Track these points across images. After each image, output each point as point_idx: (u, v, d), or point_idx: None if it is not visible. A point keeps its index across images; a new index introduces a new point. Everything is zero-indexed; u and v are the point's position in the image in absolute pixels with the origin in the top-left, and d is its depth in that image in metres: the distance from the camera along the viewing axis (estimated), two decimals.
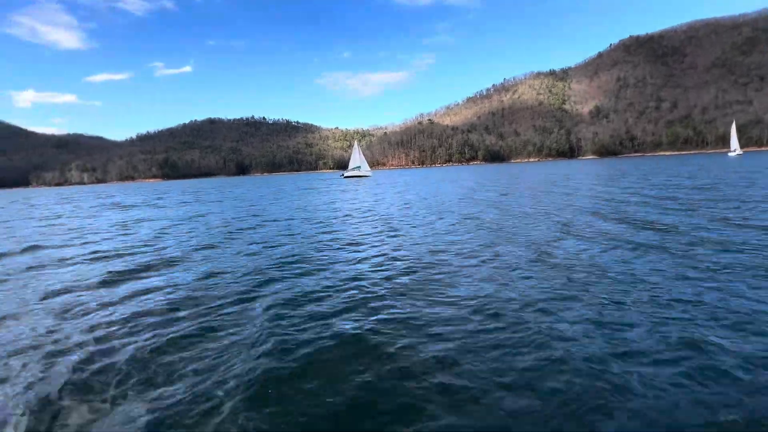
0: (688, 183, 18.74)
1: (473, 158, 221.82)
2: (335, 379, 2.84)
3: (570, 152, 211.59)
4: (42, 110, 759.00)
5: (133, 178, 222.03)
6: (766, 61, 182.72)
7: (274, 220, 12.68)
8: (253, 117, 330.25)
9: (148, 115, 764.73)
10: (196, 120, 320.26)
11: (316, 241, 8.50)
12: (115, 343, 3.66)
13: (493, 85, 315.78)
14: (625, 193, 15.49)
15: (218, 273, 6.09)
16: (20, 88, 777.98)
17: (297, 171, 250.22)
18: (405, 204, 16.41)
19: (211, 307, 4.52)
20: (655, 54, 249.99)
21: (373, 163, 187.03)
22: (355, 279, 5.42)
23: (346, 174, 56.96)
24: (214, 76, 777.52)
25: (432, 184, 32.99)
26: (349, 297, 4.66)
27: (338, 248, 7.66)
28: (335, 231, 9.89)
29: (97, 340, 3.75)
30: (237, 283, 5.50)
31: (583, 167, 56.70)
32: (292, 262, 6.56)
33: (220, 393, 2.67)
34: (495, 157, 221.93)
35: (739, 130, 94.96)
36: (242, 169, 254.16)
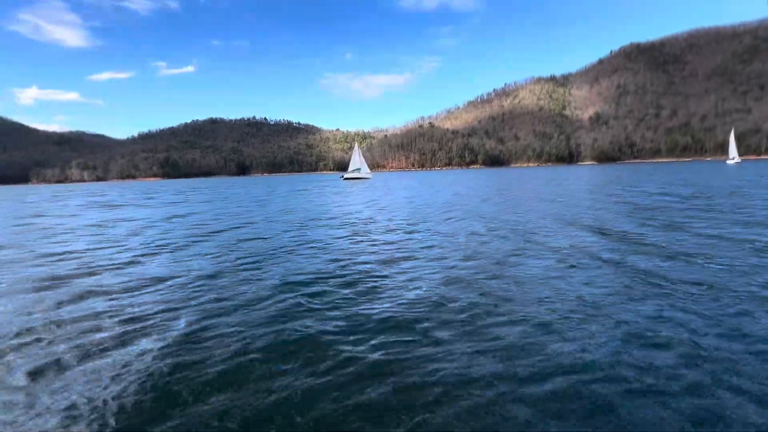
0: (683, 191, 18.44)
1: (473, 162, 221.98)
2: (261, 384, 2.76)
3: (569, 158, 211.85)
4: (45, 108, 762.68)
5: (133, 177, 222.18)
6: (766, 70, 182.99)
7: (251, 223, 12.39)
8: (254, 117, 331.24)
9: (151, 115, 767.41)
10: (197, 120, 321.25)
11: (278, 245, 8.20)
12: (26, 351, 3.39)
13: (494, 89, 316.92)
14: (609, 202, 15.20)
15: (162, 278, 5.79)
16: (23, 85, 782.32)
17: (298, 172, 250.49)
18: (382, 208, 16.12)
19: (134, 317, 4.22)
20: (655, 61, 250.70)
21: (373, 166, 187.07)
22: (295, 284, 5.12)
23: (345, 176, 56.84)
24: (217, 77, 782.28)
25: (425, 188, 32.74)
26: (283, 304, 4.38)
27: (296, 253, 7.36)
28: (305, 234, 9.59)
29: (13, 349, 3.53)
30: (172, 289, 5.20)
31: (582, 173, 56.49)
32: (241, 267, 6.27)
33: (120, 405, 2.45)
34: (495, 161, 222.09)
35: (737, 138, 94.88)
36: (243, 170, 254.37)
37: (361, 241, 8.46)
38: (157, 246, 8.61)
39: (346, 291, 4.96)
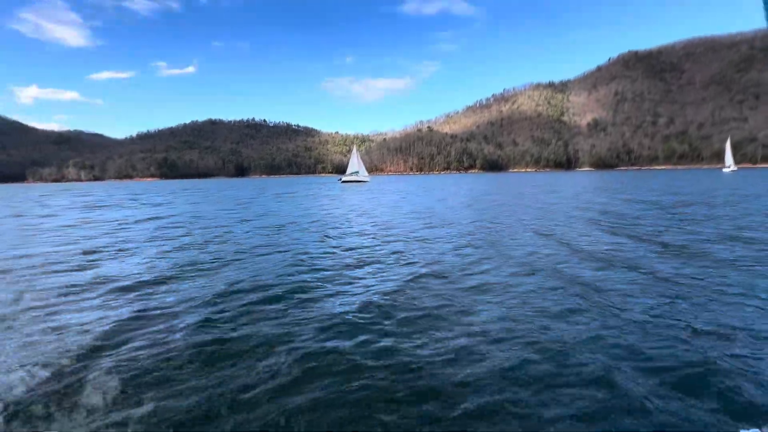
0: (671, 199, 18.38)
1: (471, 167, 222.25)
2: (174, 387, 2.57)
3: (567, 164, 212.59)
4: (44, 107, 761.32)
5: (131, 177, 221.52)
6: (761, 79, 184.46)
7: (224, 225, 12.24)
8: (253, 119, 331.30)
9: (150, 115, 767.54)
10: (196, 120, 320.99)
11: (239, 249, 8.05)
12: None
13: (493, 94, 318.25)
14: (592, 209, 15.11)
15: (101, 281, 5.64)
16: (23, 84, 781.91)
17: (296, 174, 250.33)
18: (363, 212, 15.99)
19: (65, 319, 4.06)
20: (653, 69, 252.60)
21: (372, 169, 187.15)
22: (233, 292, 4.98)
23: (344, 179, 56.96)
24: (217, 78, 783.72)
25: (417, 192, 32.67)
26: (214, 307, 4.24)
27: (244, 257, 7.21)
28: (269, 237, 9.45)
29: None
30: (106, 293, 5.04)
31: (577, 179, 56.56)
32: (189, 271, 6.12)
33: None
34: (493, 166, 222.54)
35: (734, 147, 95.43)
36: (241, 171, 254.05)
37: (325, 246, 8.32)
38: (113, 248, 8.46)
39: (284, 297, 4.82)
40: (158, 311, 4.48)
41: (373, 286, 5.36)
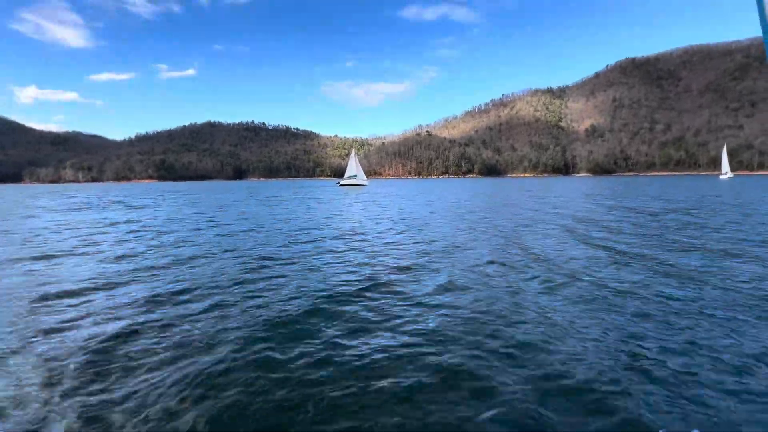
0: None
1: (469, 171, 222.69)
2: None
3: (565, 169, 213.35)
4: (44, 107, 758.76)
5: (128, 179, 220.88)
6: (756, 87, 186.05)
7: (194, 229, 11.84)
8: (252, 122, 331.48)
9: (149, 117, 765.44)
10: (195, 123, 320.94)
11: (195, 253, 7.65)
12: None
13: (492, 100, 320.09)
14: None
15: (39, 285, 5.22)
16: (23, 84, 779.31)
17: (295, 177, 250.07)
18: (331, 216, 15.62)
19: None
20: (650, 76, 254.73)
21: (370, 173, 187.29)
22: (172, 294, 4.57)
23: (342, 182, 56.88)
24: (217, 81, 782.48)
25: (410, 196, 32.36)
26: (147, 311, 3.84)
27: (189, 262, 6.81)
28: (228, 242, 9.05)
29: None
30: (39, 295, 4.63)
31: (573, 184, 56.41)
32: (136, 274, 5.71)
33: None
34: (491, 170, 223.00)
35: (729, 154, 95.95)
36: (239, 174, 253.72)
37: (277, 250, 7.93)
38: (67, 251, 8.04)
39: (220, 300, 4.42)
40: (72, 321, 4.07)
41: (305, 292, 5.01)
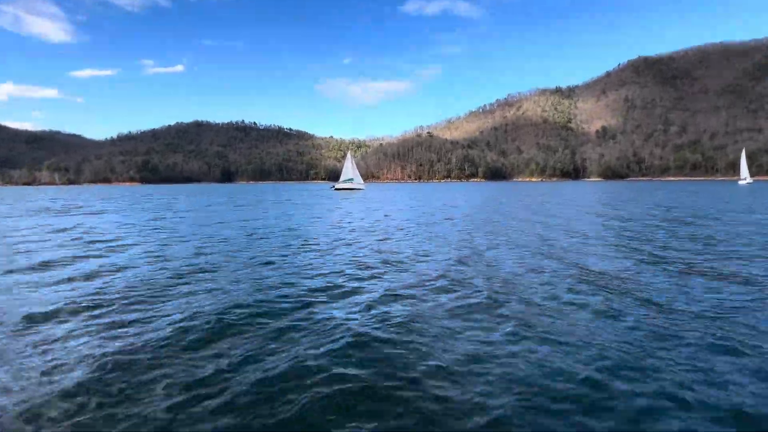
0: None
1: (473, 175, 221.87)
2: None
3: (575, 173, 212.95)
4: (20, 104, 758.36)
5: (109, 181, 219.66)
6: None
7: (139, 236, 11.01)
8: (243, 121, 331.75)
9: (133, 115, 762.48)
10: (181, 122, 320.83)
11: (115, 261, 6.81)
12: None
13: (497, 99, 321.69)
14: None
15: None
16: None
17: (286, 180, 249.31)
18: (327, 222, 14.80)
19: None
20: (663, 76, 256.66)
21: (367, 176, 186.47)
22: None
23: (337, 186, 55.98)
24: (207, 77, 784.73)
25: (405, 202, 31.63)
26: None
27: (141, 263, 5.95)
28: (163, 248, 8.20)
29: None
30: None
31: (584, 189, 55.81)
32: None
33: None
34: (496, 174, 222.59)
35: (749, 158, 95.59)
36: (228, 176, 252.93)
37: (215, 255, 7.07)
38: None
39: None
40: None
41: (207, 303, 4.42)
